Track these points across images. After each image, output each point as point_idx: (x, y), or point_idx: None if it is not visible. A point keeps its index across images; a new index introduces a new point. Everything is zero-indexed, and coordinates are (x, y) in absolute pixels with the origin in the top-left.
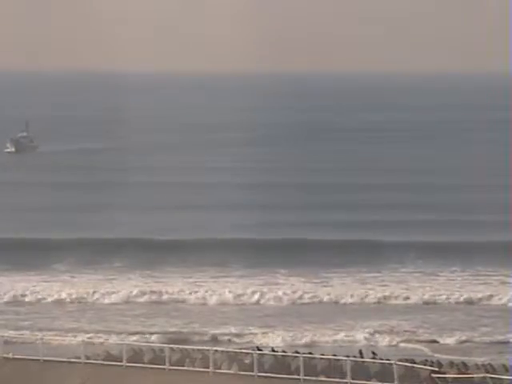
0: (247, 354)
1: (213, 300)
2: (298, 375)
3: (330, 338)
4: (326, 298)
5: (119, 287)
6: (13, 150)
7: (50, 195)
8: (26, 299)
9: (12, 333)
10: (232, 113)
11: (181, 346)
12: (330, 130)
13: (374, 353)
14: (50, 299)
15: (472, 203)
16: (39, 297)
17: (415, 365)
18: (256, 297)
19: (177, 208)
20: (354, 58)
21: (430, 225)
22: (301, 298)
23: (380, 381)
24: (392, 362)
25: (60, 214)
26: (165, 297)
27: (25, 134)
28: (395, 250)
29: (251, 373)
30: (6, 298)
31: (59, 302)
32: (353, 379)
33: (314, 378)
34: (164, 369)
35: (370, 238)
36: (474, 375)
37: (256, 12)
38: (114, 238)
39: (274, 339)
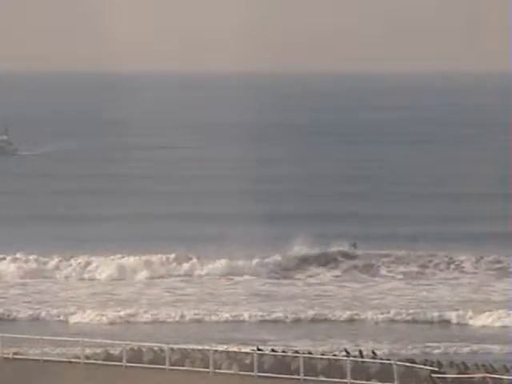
0: (247, 354)
1: None
2: (298, 375)
3: None
4: None
5: None
6: None
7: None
8: None
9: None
10: (232, 113)
11: (181, 346)
12: (331, 130)
13: (374, 352)
14: None
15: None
16: None
17: (415, 365)
18: None
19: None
20: (354, 58)
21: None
22: None
23: (380, 381)
24: (392, 361)
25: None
26: None
27: (5, 137)
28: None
29: (251, 373)
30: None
31: None
32: (353, 379)
33: (313, 378)
34: (164, 369)
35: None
36: (474, 375)
37: (255, 11)
38: None
39: None
